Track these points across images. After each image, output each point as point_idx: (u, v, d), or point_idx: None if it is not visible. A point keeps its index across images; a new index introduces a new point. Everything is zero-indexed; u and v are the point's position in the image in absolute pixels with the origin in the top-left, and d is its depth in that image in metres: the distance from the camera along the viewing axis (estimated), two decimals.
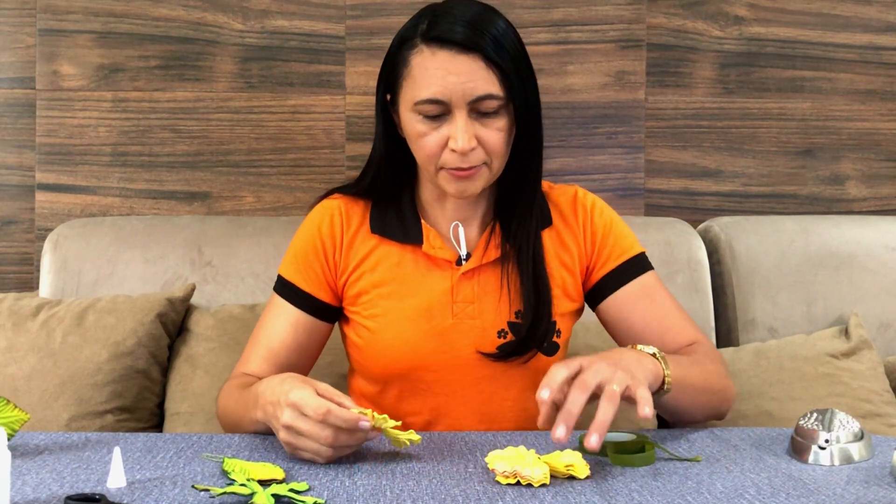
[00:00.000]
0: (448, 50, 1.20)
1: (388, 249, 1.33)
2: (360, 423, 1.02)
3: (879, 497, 0.93)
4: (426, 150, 1.24)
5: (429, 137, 1.23)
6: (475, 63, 1.20)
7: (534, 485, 0.95)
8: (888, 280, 1.92)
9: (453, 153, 1.22)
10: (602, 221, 1.37)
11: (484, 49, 1.20)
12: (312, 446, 1.03)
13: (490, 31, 1.21)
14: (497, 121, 1.23)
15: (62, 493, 0.92)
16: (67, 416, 1.63)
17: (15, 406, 1.08)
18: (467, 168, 1.23)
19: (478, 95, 1.20)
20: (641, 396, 1.03)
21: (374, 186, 1.35)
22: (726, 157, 2.16)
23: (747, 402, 1.72)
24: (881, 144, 2.19)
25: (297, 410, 1.03)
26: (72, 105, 2.05)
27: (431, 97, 1.21)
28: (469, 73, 1.20)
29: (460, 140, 1.20)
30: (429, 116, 1.22)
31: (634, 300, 1.34)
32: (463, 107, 1.21)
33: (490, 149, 1.23)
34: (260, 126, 2.08)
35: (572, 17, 2.11)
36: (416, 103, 1.22)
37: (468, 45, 1.20)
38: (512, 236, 1.31)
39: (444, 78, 1.20)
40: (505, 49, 1.22)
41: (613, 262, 1.35)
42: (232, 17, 2.07)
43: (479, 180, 1.25)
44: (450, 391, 1.30)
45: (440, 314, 1.29)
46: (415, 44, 1.23)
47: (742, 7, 2.15)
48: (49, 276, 1.85)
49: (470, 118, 1.22)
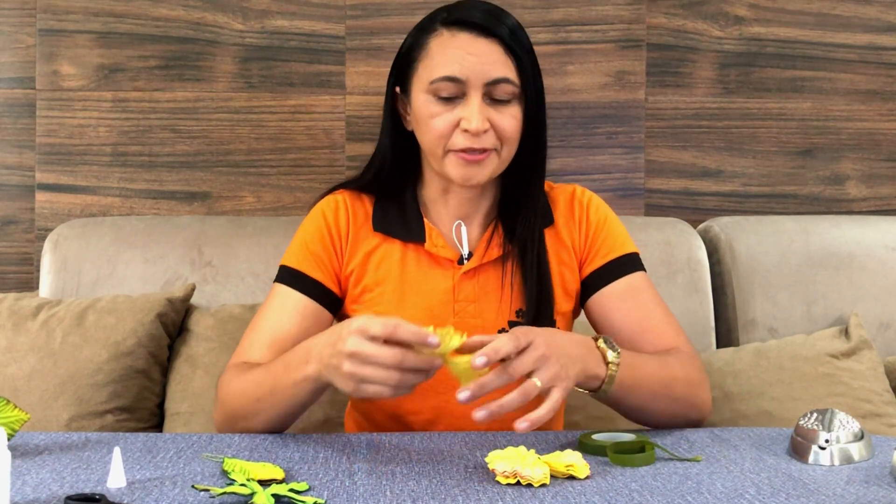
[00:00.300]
0: (468, 32, 1.24)
1: (391, 247, 1.33)
2: (428, 338, 1.00)
3: (879, 497, 0.93)
4: (437, 130, 1.25)
5: (440, 118, 1.24)
6: (494, 47, 1.24)
7: (534, 485, 0.95)
8: (888, 280, 1.92)
9: (464, 134, 1.23)
10: (596, 217, 1.37)
11: (503, 36, 1.24)
12: (378, 374, 1.01)
13: (507, 22, 1.26)
14: (510, 108, 1.25)
15: (62, 493, 0.92)
16: (67, 416, 1.63)
17: (15, 406, 1.08)
18: (478, 150, 1.24)
19: (495, 77, 1.23)
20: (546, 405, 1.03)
21: (378, 182, 1.35)
22: (726, 157, 2.16)
23: (747, 402, 1.72)
24: (881, 144, 2.19)
25: (363, 335, 1.02)
26: (72, 105, 2.05)
27: (449, 74, 1.23)
28: (488, 55, 1.23)
29: (474, 120, 1.22)
30: (443, 97, 1.24)
31: (619, 299, 1.33)
32: (479, 87, 1.23)
33: (502, 134, 1.25)
34: (260, 126, 2.08)
35: (572, 17, 2.11)
36: (433, 81, 1.24)
37: (488, 29, 1.24)
38: (517, 235, 1.31)
39: (463, 58, 1.23)
40: (520, 41, 1.26)
41: (601, 260, 1.35)
42: (232, 17, 2.07)
43: (487, 167, 1.26)
44: (450, 390, 1.30)
45: (442, 313, 1.29)
46: (434, 28, 1.27)
47: (742, 7, 2.15)
48: (49, 276, 1.85)
49: (483, 102, 1.23)
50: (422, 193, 1.36)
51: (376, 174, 1.35)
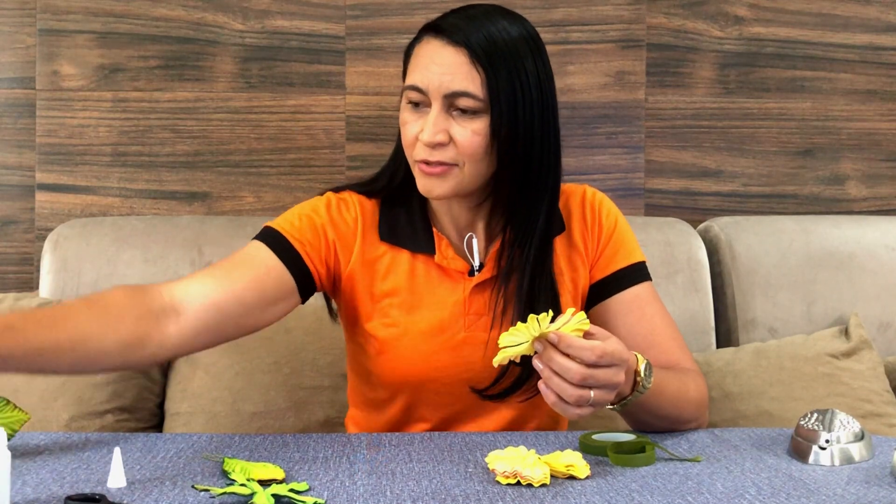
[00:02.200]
0: (438, 40, 1.20)
1: (399, 257, 1.29)
2: None
3: (880, 497, 0.93)
4: (405, 138, 1.24)
5: (409, 126, 1.23)
6: (459, 58, 1.18)
7: (534, 485, 0.95)
8: (888, 280, 1.92)
9: (422, 145, 1.21)
10: (608, 223, 1.34)
11: (471, 46, 1.18)
12: None
13: (487, 31, 1.19)
14: (474, 122, 1.19)
15: (62, 493, 0.92)
16: (67, 416, 1.63)
17: (15, 406, 1.09)
18: (434, 163, 1.21)
19: (453, 90, 1.18)
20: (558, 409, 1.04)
21: (390, 188, 1.32)
22: (726, 157, 2.16)
23: (747, 402, 1.72)
24: (881, 144, 2.19)
25: None
26: (72, 105, 2.05)
27: (413, 83, 1.21)
28: (450, 67, 1.18)
29: (426, 132, 1.19)
30: (413, 104, 1.22)
31: (625, 311, 1.31)
32: (438, 99, 1.19)
33: (461, 149, 1.20)
34: (260, 126, 2.08)
35: (572, 17, 2.11)
36: (404, 89, 1.23)
37: (455, 39, 1.19)
38: (527, 247, 1.26)
39: (427, 67, 1.20)
40: (499, 53, 1.18)
41: (610, 268, 1.33)
42: (232, 17, 2.07)
43: (447, 182, 1.22)
44: (457, 401, 1.29)
45: (453, 327, 1.27)
46: (421, 32, 1.25)
47: (742, 7, 2.15)
48: (49, 276, 1.85)
49: (447, 113, 1.20)
50: (430, 202, 1.32)
51: (391, 179, 1.32)
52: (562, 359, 1.01)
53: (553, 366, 1.02)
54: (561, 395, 1.02)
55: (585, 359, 1.01)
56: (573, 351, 1.01)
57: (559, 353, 1.02)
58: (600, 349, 1.02)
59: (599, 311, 1.33)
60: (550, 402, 1.03)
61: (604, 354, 1.02)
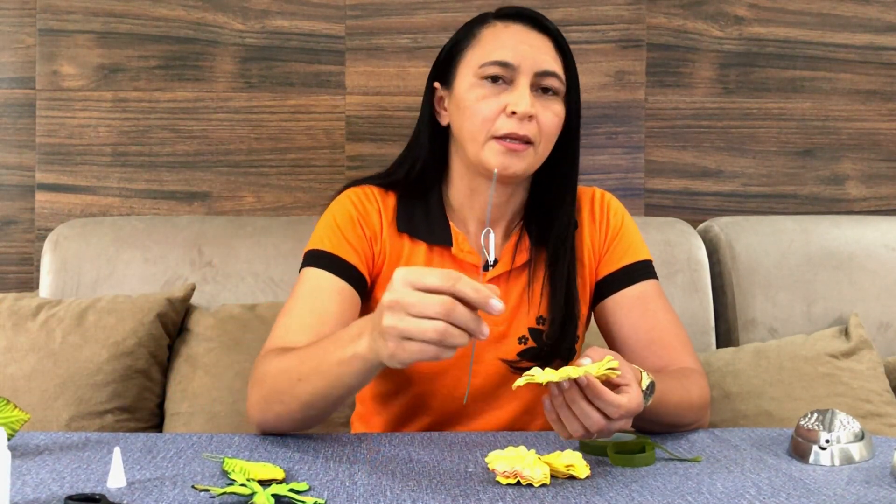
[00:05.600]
0: (523, 24, 1.28)
1: (417, 249, 1.31)
2: (490, 300, 0.88)
3: (880, 497, 0.93)
4: (482, 114, 1.24)
5: (487, 101, 1.24)
6: (546, 42, 1.28)
7: (534, 485, 0.95)
8: (888, 280, 1.92)
9: (510, 119, 1.23)
10: (615, 221, 1.36)
11: (554, 34, 1.29)
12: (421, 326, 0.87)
13: (554, 26, 1.30)
14: (554, 103, 1.26)
15: (62, 493, 0.92)
16: (67, 416, 1.63)
17: (15, 406, 1.08)
18: (521, 137, 1.23)
19: (545, 69, 1.25)
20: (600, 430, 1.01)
21: (407, 180, 1.33)
22: (726, 157, 2.16)
23: (747, 402, 1.72)
24: (881, 144, 2.19)
25: (412, 286, 0.88)
26: (72, 105, 2.05)
27: (501, 59, 1.24)
28: (540, 47, 1.26)
29: (522, 103, 1.22)
30: (492, 79, 1.25)
31: (629, 306, 1.32)
32: (529, 75, 1.24)
33: (542, 128, 1.25)
34: (260, 126, 2.08)
35: (572, 17, 2.11)
36: (483, 65, 1.25)
37: (541, 26, 1.28)
38: (550, 242, 1.30)
39: (516, 45, 1.25)
40: (569, 48, 1.30)
41: (615, 264, 1.34)
42: (232, 17, 2.07)
43: (524, 159, 1.25)
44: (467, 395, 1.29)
45: None
46: (485, 20, 1.30)
47: (742, 7, 2.15)
48: (49, 276, 1.85)
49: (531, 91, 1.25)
50: (448, 195, 1.34)
51: (409, 171, 1.33)
52: (585, 405, 0.99)
53: (574, 409, 1.00)
54: (567, 426, 1.01)
55: (609, 414, 0.99)
56: (598, 403, 0.99)
57: (584, 398, 0.99)
58: (624, 409, 0.99)
59: (604, 307, 1.34)
60: (550, 419, 1.03)
61: (626, 413, 1.00)
